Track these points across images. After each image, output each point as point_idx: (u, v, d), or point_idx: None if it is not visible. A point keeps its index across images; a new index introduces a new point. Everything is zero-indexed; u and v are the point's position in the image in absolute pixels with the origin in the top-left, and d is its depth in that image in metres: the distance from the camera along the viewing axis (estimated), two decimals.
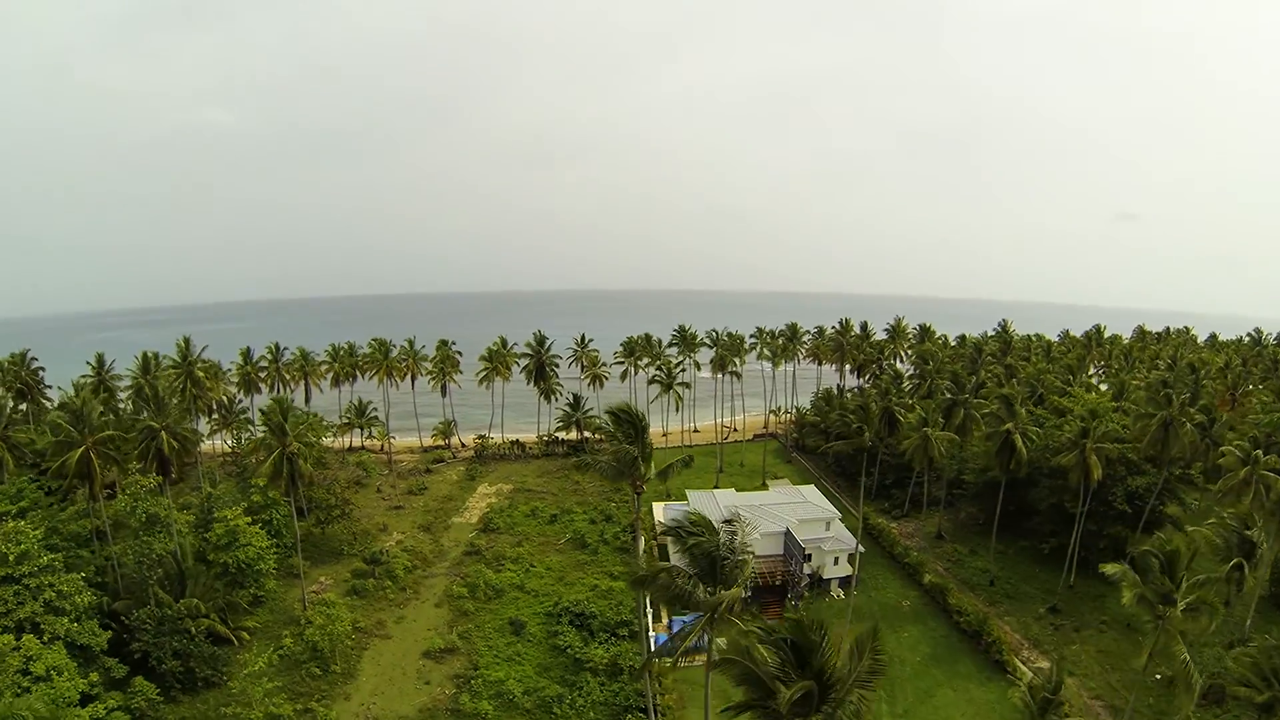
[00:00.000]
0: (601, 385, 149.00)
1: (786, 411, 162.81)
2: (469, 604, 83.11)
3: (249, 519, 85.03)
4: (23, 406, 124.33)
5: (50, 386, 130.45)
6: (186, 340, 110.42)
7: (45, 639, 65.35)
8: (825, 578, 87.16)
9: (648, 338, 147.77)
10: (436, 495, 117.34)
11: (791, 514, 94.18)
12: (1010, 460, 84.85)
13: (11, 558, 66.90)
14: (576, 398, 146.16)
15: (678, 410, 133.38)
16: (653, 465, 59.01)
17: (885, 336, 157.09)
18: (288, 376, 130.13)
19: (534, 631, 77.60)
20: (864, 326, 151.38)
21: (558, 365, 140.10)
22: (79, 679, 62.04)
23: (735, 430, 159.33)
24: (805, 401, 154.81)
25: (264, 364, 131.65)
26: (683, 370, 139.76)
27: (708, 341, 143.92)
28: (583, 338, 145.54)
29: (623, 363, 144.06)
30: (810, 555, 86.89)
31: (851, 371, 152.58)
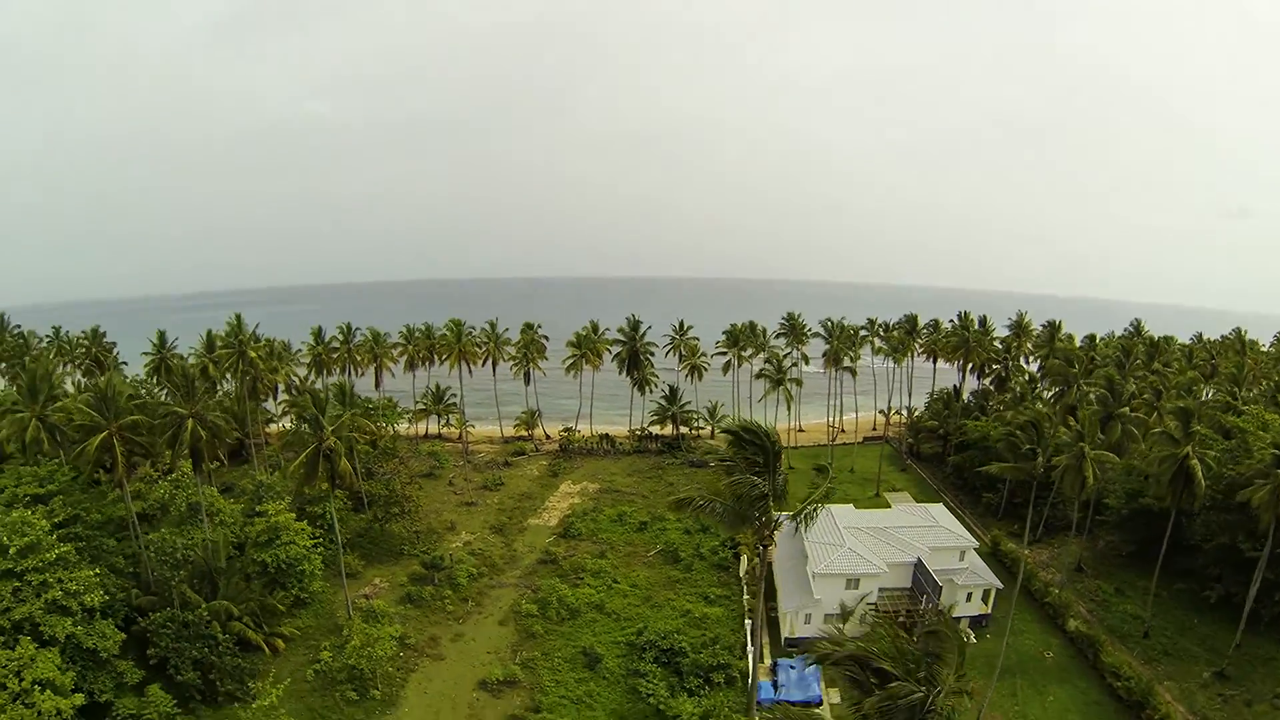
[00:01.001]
0: (700, 377, 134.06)
1: (898, 412, 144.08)
2: (538, 625, 69.97)
3: (294, 513, 74.66)
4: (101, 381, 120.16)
5: (125, 363, 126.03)
6: (238, 318, 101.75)
7: (46, 640, 56.11)
8: (955, 617, 70.18)
9: (752, 326, 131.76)
10: (514, 492, 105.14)
11: (922, 540, 77.29)
12: (1184, 491, 65.74)
13: (13, 550, 57.71)
14: (673, 390, 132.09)
15: (789, 409, 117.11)
16: (786, 505, 44.09)
17: (1008, 333, 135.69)
18: (359, 358, 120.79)
19: (611, 666, 63.69)
20: (983, 321, 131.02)
21: (653, 354, 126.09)
22: (68, 697, 52.09)
23: (843, 431, 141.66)
24: (917, 402, 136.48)
25: (335, 345, 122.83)
26: (793, 365, 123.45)
27: (820, 332, 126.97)
28: (681, 324, 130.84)
29: (725, 353, 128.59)
30: (941, 590, 70.03)
31: (972, 372, 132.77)
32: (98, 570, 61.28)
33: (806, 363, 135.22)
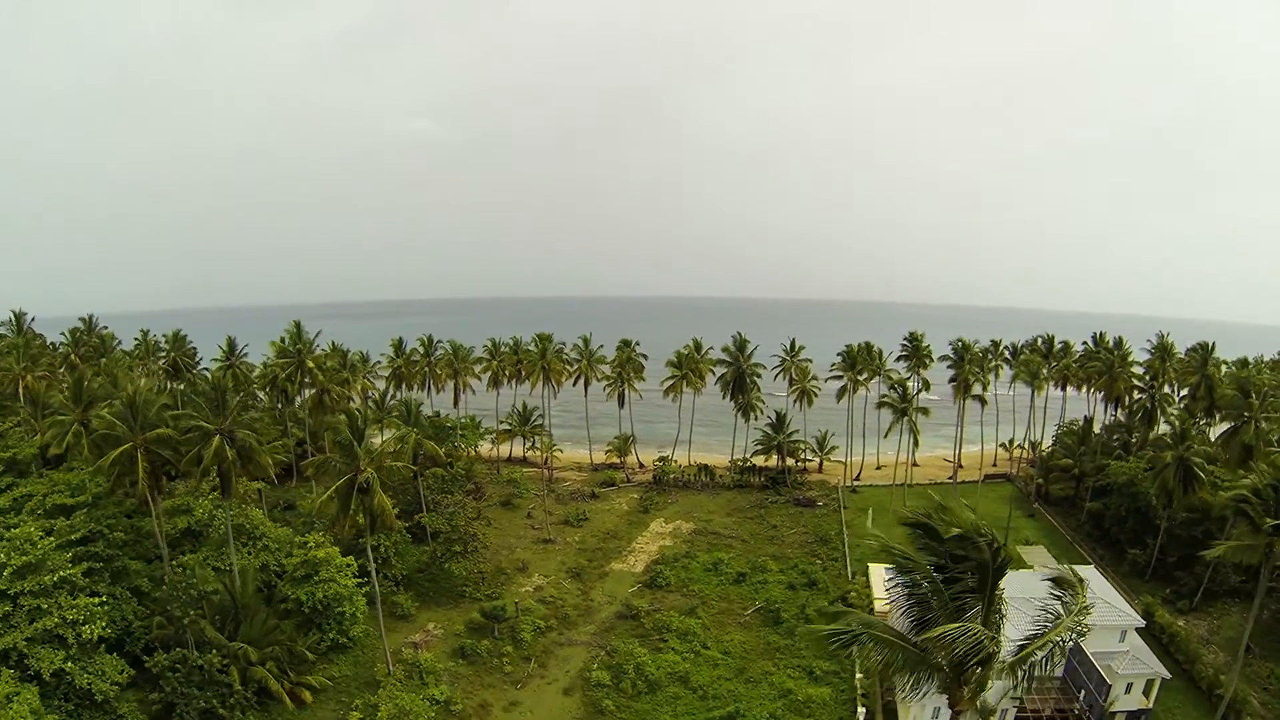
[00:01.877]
0: (810, 403, 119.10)
1: (1019, 446, 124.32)
2: (609, 699, 57.50)
3: (340, 546, 65.11)
4: (180, 386, 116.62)
5: (207, 370, 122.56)
6: (297, 325, 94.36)
7: (34, 674, 48.07)
8: (1110, 713, 53.83)
9: (868, 347, 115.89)
10: (598, 529, 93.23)
11: None
12: None
13: (8, 570, 50.00)
14: (780, 417, 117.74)
15: (914, 442, 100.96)
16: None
17: (1148, 357, 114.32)
18: (439, 373, 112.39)
19: None
20: (1119, 343, 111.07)
21: (759, 376, 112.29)
22: None
23: (961, 467, 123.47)
24: (1038, 434, 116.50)
25: (416, 358, 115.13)
26: (918, 391, 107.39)
27: (949, 354, 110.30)
28: (792, 344, 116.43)
29: (840, 377, 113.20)
30: (1107, 686, 53.81)
31: (1108, 401, 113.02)
32: (104, 598, 53.03)
33: (927, 389, 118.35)
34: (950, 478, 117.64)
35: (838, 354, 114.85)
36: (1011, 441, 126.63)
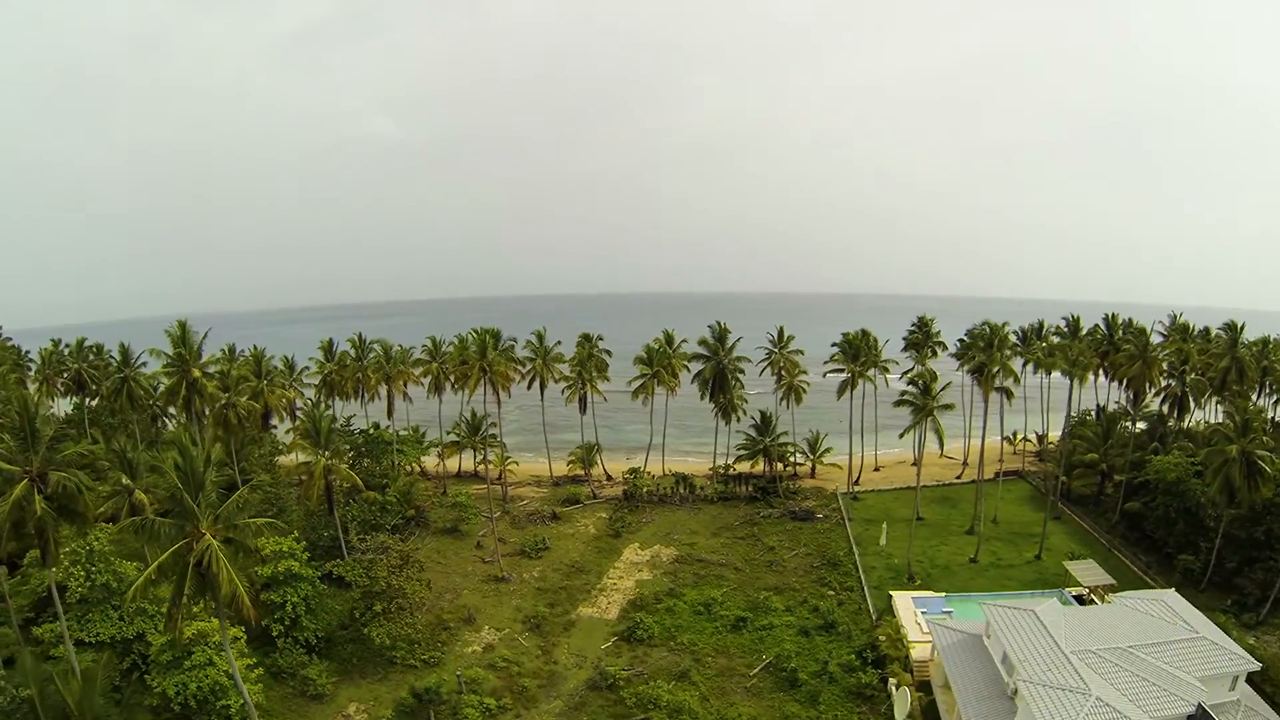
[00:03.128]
0: (798, 400, 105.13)
1: (1025, 439, 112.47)
2: None
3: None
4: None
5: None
6: (182, 326, 76.50)
7: None
8: None
9: (865, 335, 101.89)
10: (561, 560, 78.27)
11: (1187, 664, 48.11)
12: None
13: None
14: (765, 417, 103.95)
15: (941, 450, 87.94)
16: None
17: (1160, 339, 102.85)
18: (372, 378, 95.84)
19: None
20: (1129, 324, 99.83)
21: (743, 372, 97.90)
22: None
23: (967, 465, 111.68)
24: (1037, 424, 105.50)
25: (348, 362, 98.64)
26: (945, 386, 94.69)
27: (966, 339, 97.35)
28: (780, 334, 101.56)
29: (841, 369, 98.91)
30: None
31: (1136, 389, 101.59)
32: None
33: (934, 381, 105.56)
34: (958, 477, 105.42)
35: (834, 344, 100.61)
36: (1016, 435, 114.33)
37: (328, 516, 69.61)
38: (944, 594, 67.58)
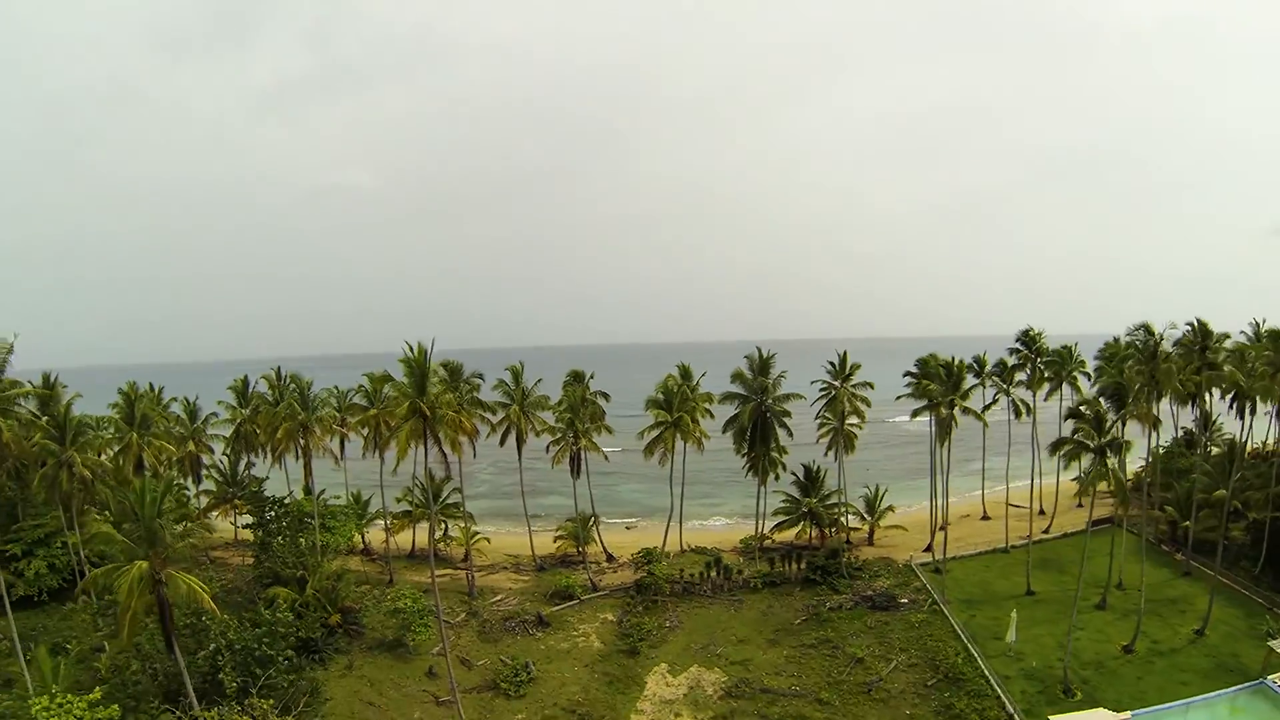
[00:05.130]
0: (851, 449, 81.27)
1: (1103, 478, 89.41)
2: None
3: None
4: None
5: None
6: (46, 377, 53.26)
7: None
8: None
9: (952, 360, 77.87)
10: (555, 699, 52.85)
11: None
12: None
13: None
14: (810, 471, 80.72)
15: (1081, 500, 64.31)
16: None
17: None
18: (280, 432, 69.23)
19: None
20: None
21: (789, 415, 73.38)
22: None
23: (1044, 514, 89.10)
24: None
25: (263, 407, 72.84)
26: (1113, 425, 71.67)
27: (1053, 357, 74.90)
28: (843, 362, 75.69)
29: (932, 404, 73.98)
30: None
31: (1232, 406, 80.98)
32: None
33: (1023, 412, 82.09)
34: (1045, 531, 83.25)
35: (909, 373, 76.75)
36: (1090, 473, 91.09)
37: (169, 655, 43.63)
38: (1128, 713, 45.22)
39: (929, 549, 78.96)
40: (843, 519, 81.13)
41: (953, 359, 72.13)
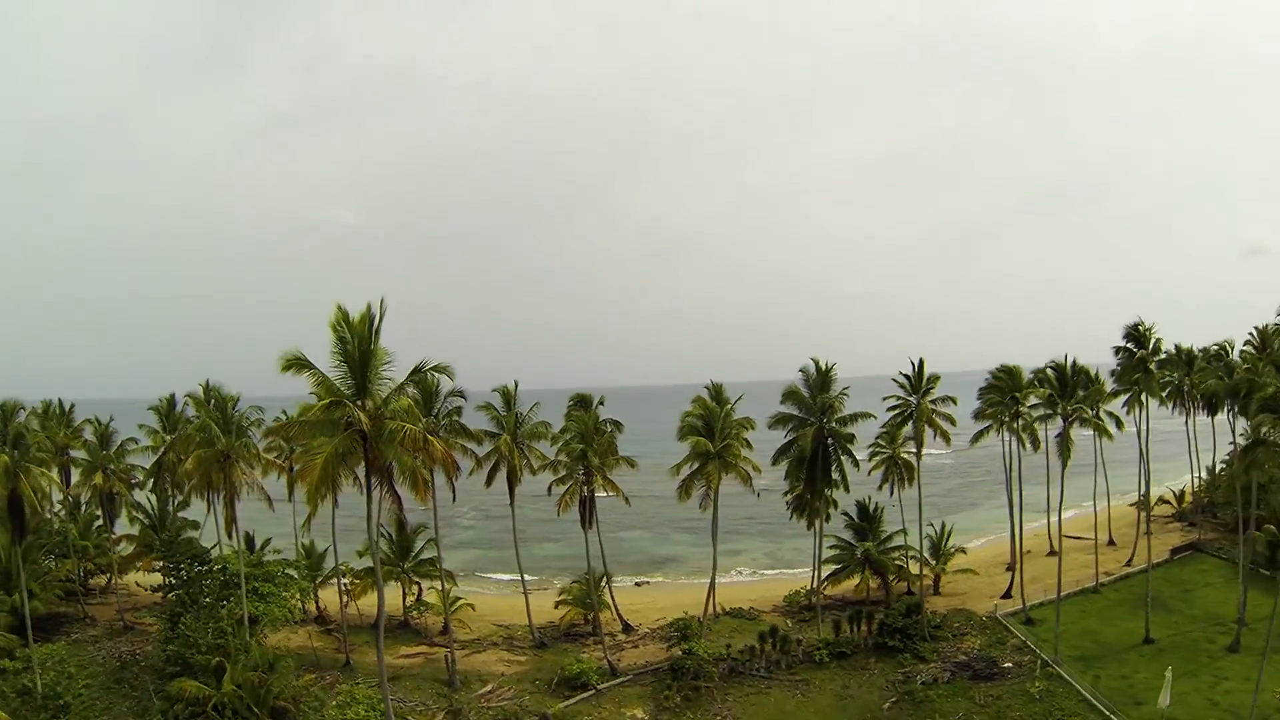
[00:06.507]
0: (910, 481, 66.93)
1: (1162, 499, 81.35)
2: None
3: None
4: None
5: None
6: None
7: None
8: None
9: (1011, 372, 64.08)
10: None
11: None
12: None
13: None
14: (866, 511, 66.43)
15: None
16: None
17: None
18: (191, 463, 52.35)
19: None
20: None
21: (853, 440, 58.15)
22: None
23: (1113, 544, 76.98)
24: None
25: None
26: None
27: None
28: (919, 371, 59.93)
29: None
30: None
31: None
32: None
33: (1115, 431, 67.42)
34: (1128, 563, 70.87)
35: (992, 376, 62.77)
36: (1146, 495, 78.71)
37: None
38: None
39: (1008, 595, 65.80)
40: (907, 565, 67.16)
41: (1065, 358, 57.77)
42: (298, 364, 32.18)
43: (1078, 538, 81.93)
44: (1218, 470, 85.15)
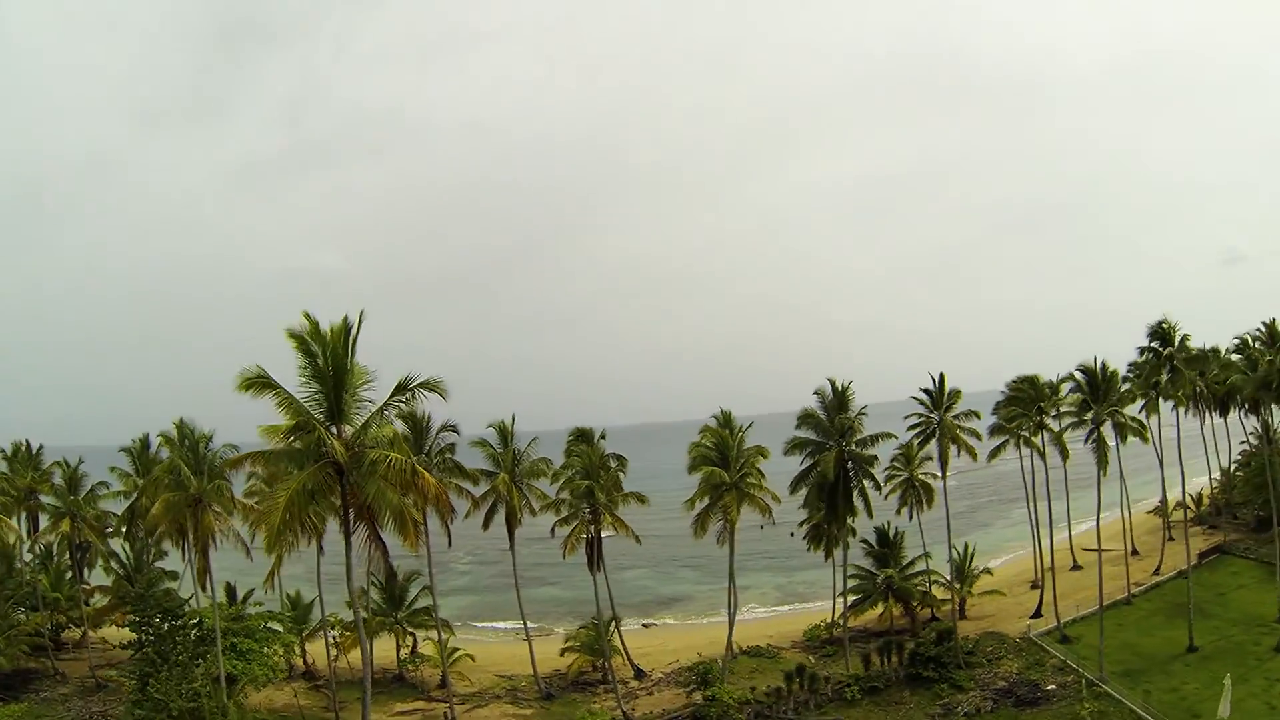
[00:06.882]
0: (929, 503, 64.17)
1: (1181, 505, 73.80)
2: None
3: None
4: None
5: None
6: None
7: None
8: None
9: (1032, 381, 61.17)
10: None
11: None
12: None
13: None
14: (885, 534, 63.16)
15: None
16: None
17: None
18: (157, 509, 47.48)
19: None
20: None
21: (874, 463, 54.61)
22: None
23: (1136, 554, 73.71)
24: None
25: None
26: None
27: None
28: (941, 385, 55.01)
29: (1004, 431, 58.92)
30: None
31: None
32: None
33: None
34: (1156, 571, 68.59)
35: (997, 402, 60.02)
36: (1164, 502, 77.54)
37: None
38: None
39: (1038, 614, 62.70)
40: (930, 590, 64.07)
41: (1094, 360, 54.82)
42: (260, 383, 27.35)
43: (1093, 550, 79.58)
44: (1232, 470, 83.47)
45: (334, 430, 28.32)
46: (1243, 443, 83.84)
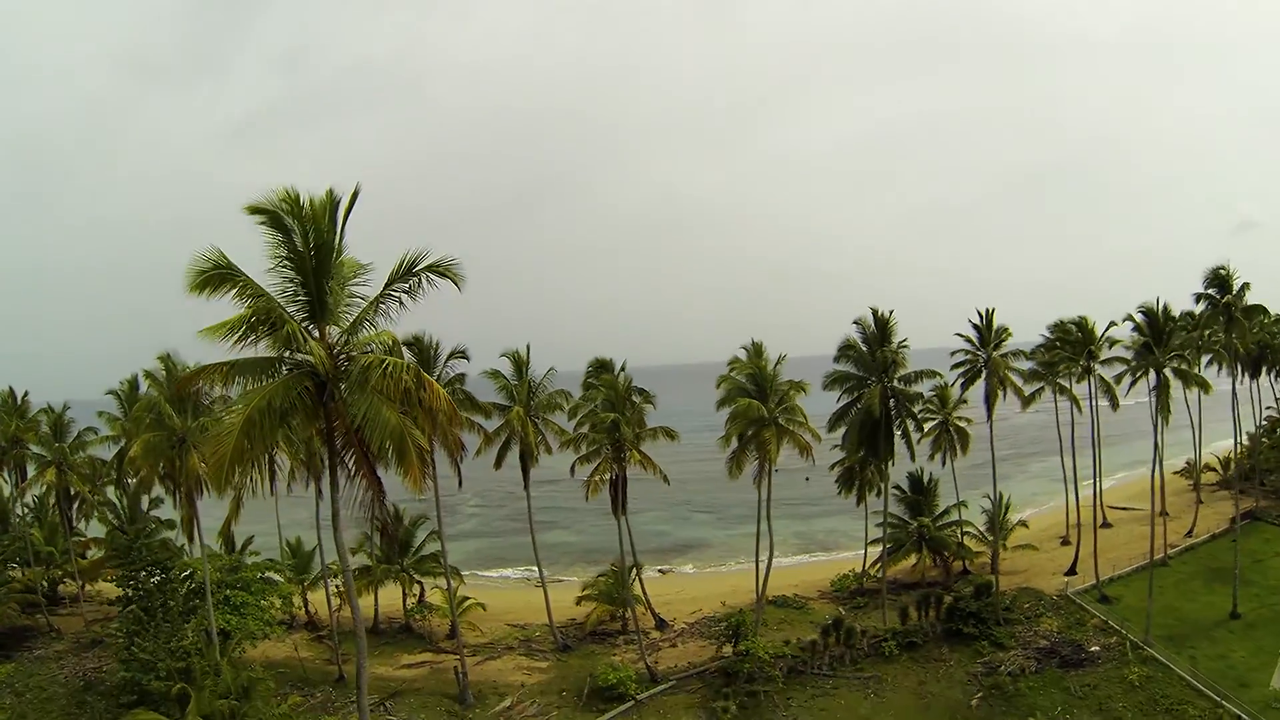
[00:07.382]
0: (964, 450, 60.55)
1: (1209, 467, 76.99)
2: None
3: None
4: None
5: None
6: None
7: None
8: None
9: (1081, 325, 56.76)
10: None
11: None
12: None
13: None
14: (918, 480, 59.74)
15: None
16: None
17: None
18: (138, 450, 43.98)
19: None
20: None
21: (919, 399, 50.47)
22: None
23: (1165, 514, 70.34)
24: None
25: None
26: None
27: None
28: (989, 320, 49.95)
29: (1042, 375, 55.29)
30: None
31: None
32: None
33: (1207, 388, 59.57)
34: (1189, 533, 65.02)
35: (1041, 336, 55.77)
36: (1196, 462, 75.40)
37: None
38: None
39: (1072, 571, 58.84)
40: (966, 542, 60.64)
41: (1157, 302, 50.12)
42: (217, 277, 20.11)
43: (1127, 508, 76.47)
44: (1259, 435, 79.82)
45: (313, 331, 21.77)
46: (1269, 407, 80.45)
